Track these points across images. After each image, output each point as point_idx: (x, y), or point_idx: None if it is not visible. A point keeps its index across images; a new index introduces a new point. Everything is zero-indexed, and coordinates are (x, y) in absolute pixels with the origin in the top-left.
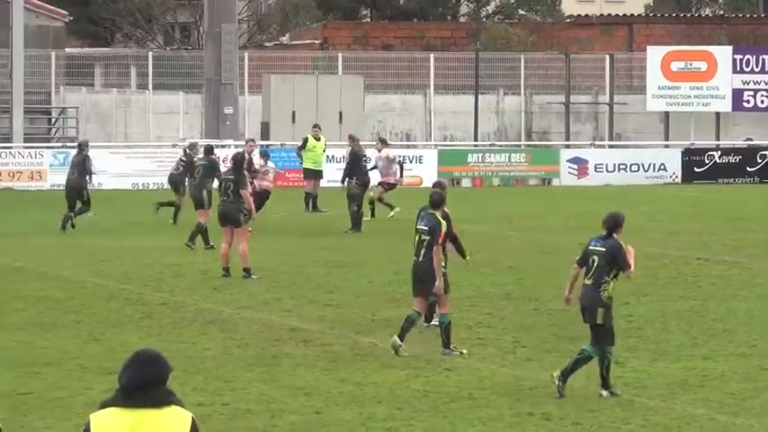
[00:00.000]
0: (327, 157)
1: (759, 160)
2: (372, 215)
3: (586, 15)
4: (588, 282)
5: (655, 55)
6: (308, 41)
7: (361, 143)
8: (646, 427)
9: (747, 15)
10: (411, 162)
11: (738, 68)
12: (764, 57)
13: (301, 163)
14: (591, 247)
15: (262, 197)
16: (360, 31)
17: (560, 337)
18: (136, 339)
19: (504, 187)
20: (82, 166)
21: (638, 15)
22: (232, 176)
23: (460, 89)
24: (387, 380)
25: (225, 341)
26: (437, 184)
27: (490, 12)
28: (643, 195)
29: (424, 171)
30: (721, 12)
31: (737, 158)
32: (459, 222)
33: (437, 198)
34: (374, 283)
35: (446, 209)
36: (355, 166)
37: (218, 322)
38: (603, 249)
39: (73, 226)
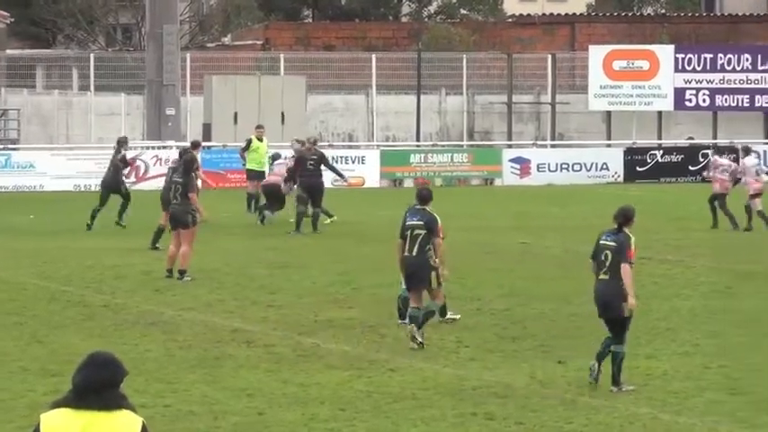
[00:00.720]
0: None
1: (701, 159)
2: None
3: (528, 15)
4: (605, 276)
5: (597, 54)
6: (250, 42)
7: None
8: (588, 426)
9: (689, 14)
10: (353, 163)
11: (680, 67)
12: (706, 55)
13: (244, 164)
14: (602, 242)
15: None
16: (302, 31)
17: (503, 337)
18: (78, 341)
19: (447, 187)
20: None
21: (580, 15)
22: (180, 179)
23: (403, 89)
24: (330, 381)
25: (167, 343)
26: (425, 183)
27: (432, 12)
28: (585, 195)
29: (367, 172)
30: (663, 11)
31: (679, 157)
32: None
33: (426, 193)
34: (317, 284)
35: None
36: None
37: (160, 324)
38: (615, 244)
39: (123, 226)
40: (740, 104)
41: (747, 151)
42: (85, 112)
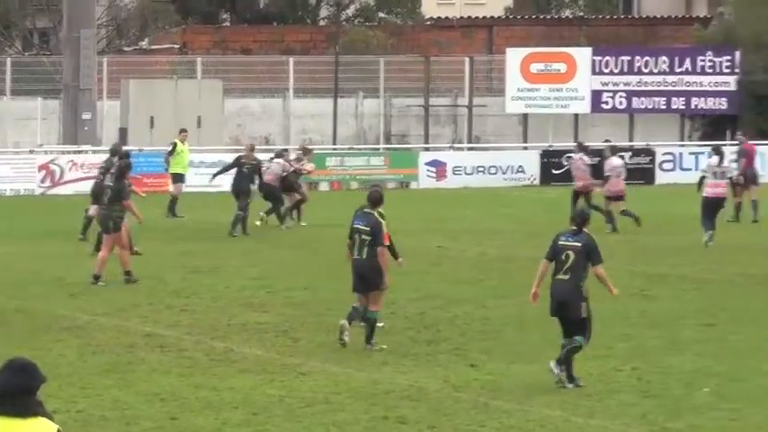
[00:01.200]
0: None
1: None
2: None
3: (446, 18)
4: (565, 277)
5: (514, 57)
6: (167, 46)
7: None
8: (501, 429)
9: (607, 17)
10: None
11: (597, 70)
12: (623, 58)
13: (167, 168)
14: (562, 243)
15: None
16: (219, 35)
17: (416, 341)
18: None
19: (363, 191)
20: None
21: (498, 18)
22: (112, 184)
23: (320, 92)
24: (242, 385)
25: (80, 347)
26: (376, 186)
27: (350, 15)
28: (501, 197)
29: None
30: (581, 13)
31: (596, 160)
32: (319, 227)
33: (375, 196)
34: (231, 289)
35: (381, 209)
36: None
37: (73, 329)
38: (579, 245)
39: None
40: (657, 107)
41: (614, 151)
42: (1, 116)
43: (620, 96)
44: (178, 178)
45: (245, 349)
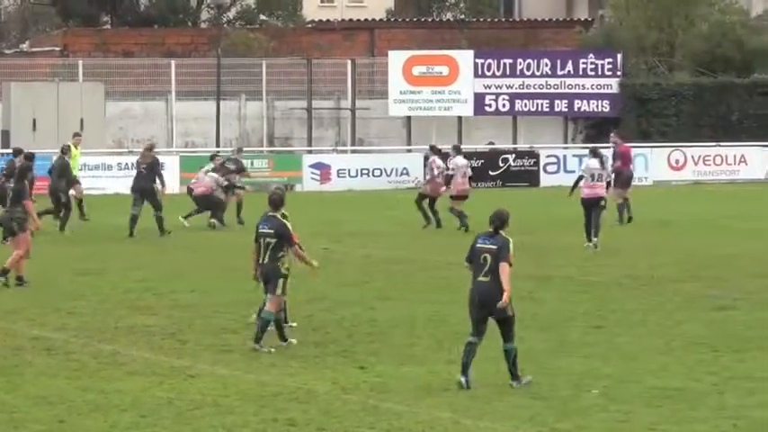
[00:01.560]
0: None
1: (501, 164)
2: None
3: (328, 20)
4: (485, 279)
5: (396, 60)
6: (48, 48)
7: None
8: (390, 431)
9: (488, 20)
10: None
11: (480, 73)
12: (505, 61)
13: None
14: (479, 245)
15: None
16: (100, 37)
17: (304, 343)
18: None
19: (246, 194)
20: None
21: (380, 20)
22: (12, 185)
23: (202, 95)
24: (131, 388)
25: None
26: (277, 188)
27: (231, 17)
28: (386, 200)
29: (167, 177)
30: (462, 16)
31: (480, 162)
32: (203, 230)
33: (277, 198)
34: (117, 291)
35: (284, 211)
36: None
37: None
38: (495, 247)
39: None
40: (540, 109)
41: (458, 151)
42: None
43: (503, 99)
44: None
45: (132, 352)
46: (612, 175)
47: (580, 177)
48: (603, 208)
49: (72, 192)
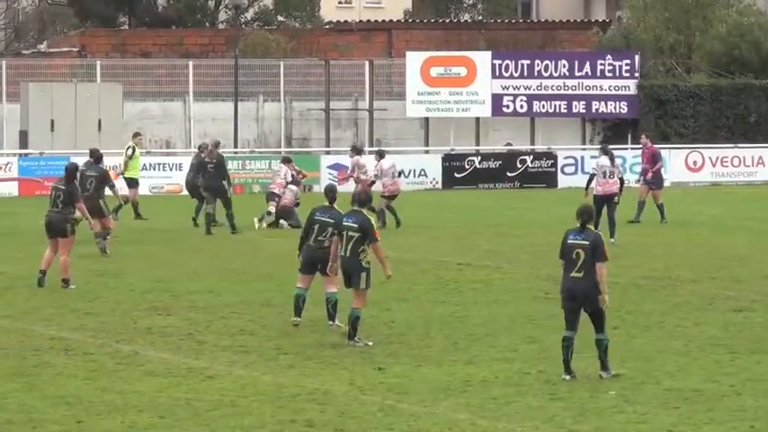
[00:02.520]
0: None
1: (519, 165)
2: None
3: (346, 21)
4: (578, 275)
5: (414, 61)
6: (66, 49)
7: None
8: None
9: (506, 21)
10: (171, 170)
11: (497, 74)
12: (523, 62)
13: (123, 172)
14: (571, 241)
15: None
16: (118, 38)
17: (322, 344)
18: None
19: (264, 194)
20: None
21: (398, 21)
22: (63, 187)
23: (220, 96)
24: (148, 388)
25: None
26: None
27: (249, 18)
28: (403, 201)
29: (184, 179)
30: (480, 17)
31: (497, 164)
32: (221, 231)
33: (364, 197)
34: (135, 292)
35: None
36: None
37: None
38: (587, 242)
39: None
40: (557, 110)
41: (381, 155)
42: None
43: (521, 100)
44: (134, 183)
45: (150, 352)
46: (642, 176)
47: (592, 176)
48: (617, 204)
49: (127, 193)
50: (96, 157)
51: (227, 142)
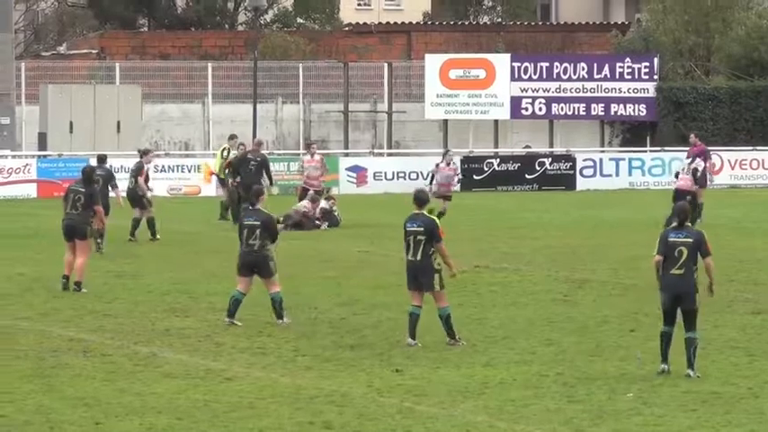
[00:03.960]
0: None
1: (537, 168)
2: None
3: (365, 23)
4: (679, 271)
5: (433, 63)
6: (85, 51)
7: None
8: None
9: (525, 23)
10: (190, 171)
11: (516, 76)
12: (542, 64)
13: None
14: (673, 239)
15: None
16: (137, 40)
17: (340, 346)
18: None
19: (283, 196)
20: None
21: (417, 23)
22: (83, 189)
23: (239, 98)
24: (167, 390)
25: (3, 352)
26: (420, 191)
27: (268, 20)
28: None
29: (203, 181)
30: (499, 20)
31: (516, 166)
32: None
33: (424, 197)
34: (153, 293)
35: None
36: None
37: None
38: (691, 240)
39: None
40: (576, 113)
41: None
42: None
43: (540, 102)
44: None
45: (168, 354)
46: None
47: (678, 172)
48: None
49: (221, 192)
50: (100, 157)
51: (246, 144)
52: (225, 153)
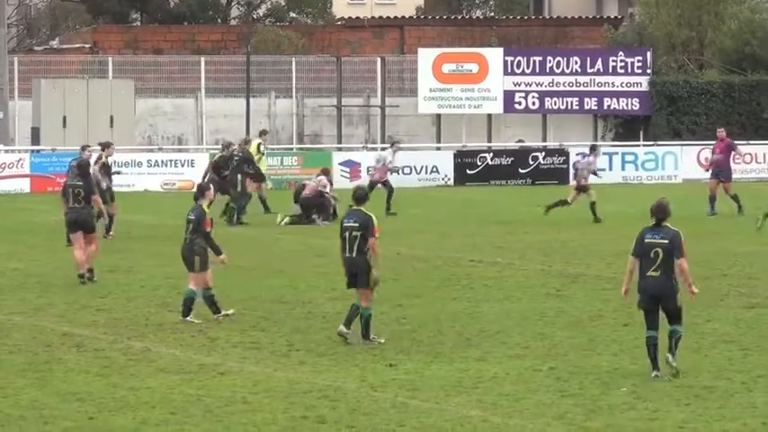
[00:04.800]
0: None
1: (531, 162)
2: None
3: (358, 18)
4: (655, 273)
5: (426, 57)
6: (78, 45)
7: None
8: (420, 429)
9: (518, 17)
10: (183, 166)
11: (509, 70)
12: (535, 58)
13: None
14: (649, 240)
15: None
16: (130, 34)
17: (334, 341)
18: None
19: (277, 191)
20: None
21: (410, 18)
22: (81, 183)
23: (232, 92)
24: (160, 384)
25: None
26: (359, 187)
27: (261, 15)
28: (415, 198)
29: (196, 175)
30: (492, 14)
31: (509, 160)
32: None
33: (361, 194)
34: (146, 288)
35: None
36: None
37: None
38: (666, 241)
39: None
40: (569, 107)
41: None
42: None
43: (533, 97)
44: (261, 178)
45: (162, 349)
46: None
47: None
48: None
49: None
50: (83, 147)
51: (238, 138)
52: (261, 148)
